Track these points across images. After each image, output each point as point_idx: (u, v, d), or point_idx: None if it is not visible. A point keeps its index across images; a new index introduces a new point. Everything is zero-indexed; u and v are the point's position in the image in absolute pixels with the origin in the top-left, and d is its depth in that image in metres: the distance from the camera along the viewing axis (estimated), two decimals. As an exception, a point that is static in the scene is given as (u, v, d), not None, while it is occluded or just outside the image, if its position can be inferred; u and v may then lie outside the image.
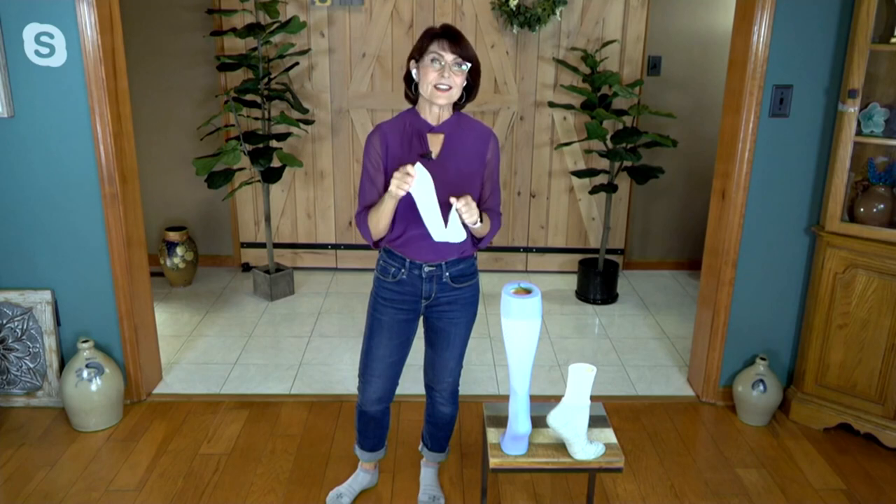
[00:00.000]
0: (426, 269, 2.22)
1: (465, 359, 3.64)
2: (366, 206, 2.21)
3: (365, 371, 2.39)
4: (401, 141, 2.16)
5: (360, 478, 2.67)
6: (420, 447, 2.68)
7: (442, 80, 2.07)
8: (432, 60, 2.07)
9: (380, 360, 2.34)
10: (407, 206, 2.11)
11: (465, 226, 2.09)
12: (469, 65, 2.10)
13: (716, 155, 3.20)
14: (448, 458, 2.84)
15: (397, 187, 1.98)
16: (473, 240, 2.23)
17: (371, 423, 2.49)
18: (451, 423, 2.55)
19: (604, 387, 3.41)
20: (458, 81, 2.10)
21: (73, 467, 2.80)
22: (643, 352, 3.81)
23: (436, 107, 2.14)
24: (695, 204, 4.80)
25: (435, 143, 2.17)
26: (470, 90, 2.18)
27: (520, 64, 4.50)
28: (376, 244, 2.24)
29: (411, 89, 2.19)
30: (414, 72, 2.14)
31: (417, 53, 2.12)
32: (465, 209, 2.01)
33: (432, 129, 2.17)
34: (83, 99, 2.88)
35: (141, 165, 4.31)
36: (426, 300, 2.27)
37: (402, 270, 2.24)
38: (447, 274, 2.24)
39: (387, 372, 2.36)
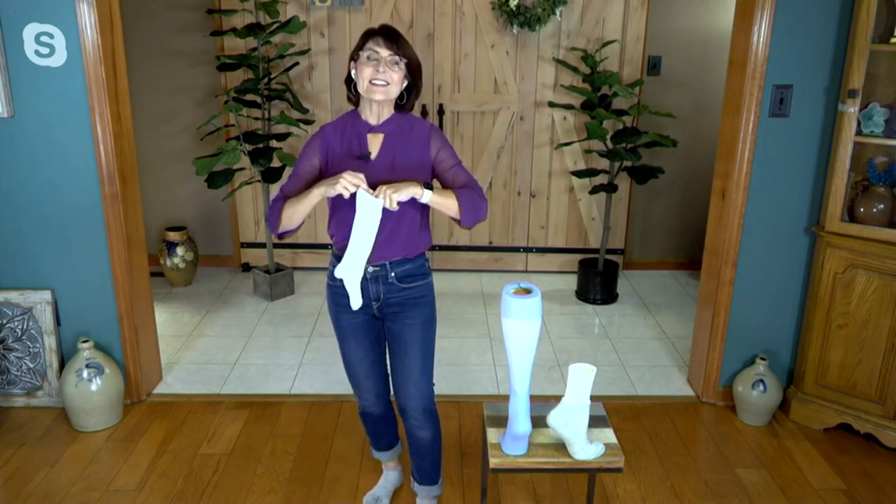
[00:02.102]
0: (370, 269, 2.17)
1: (465, 358, 3.68)
2: (284, 196, 2.17)
3: (351, 377, 2.38)
4: (341, 141, 2.15)
5: (391, 477, 2.66)
6: (411, 485, 2.55)
7: (377, 76, 2.05)
8: (368, 58, 2.06)
9: (358, 363, 2.33)
10: (351, 209, 2.07)
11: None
12: (406, 61, 2.09)
13: (716, 155, 3.20)
14: (447, 460, 2.83)
15: (343, 186, 1.96)
16: (455, 219, 2.17)
17: (379, 422, 2.48)
18: (435, 449, 2.42)
19: (604, 387, 3.41)
20: (395, 77, 2.08)
21: (73, 467, 2.80)
22: (643, 352, 3.81)
23: (375, 106, 2.12)
24: (695, 204, 4.80)
25: (374, 144, 2.15)
26: (410, 90, 2.16)
27: (520, 64, 4.50)
28: (281, 236, 2.19)
29: (352, 91, 2.17)
30: (353, 72, 2.13)
31: (356, 53, 2.11)
32: (390, 191, 1.98)
33: (372, 129, 2.15)
34: (83, 99, 2.88)
35: (141, 165, 4.31)
36: (376, 301, 2.23)
37: None
38: (392, 274, 2.19)
39: (370, 372, 2.34)
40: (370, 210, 2.03)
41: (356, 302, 2.17)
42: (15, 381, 3.16)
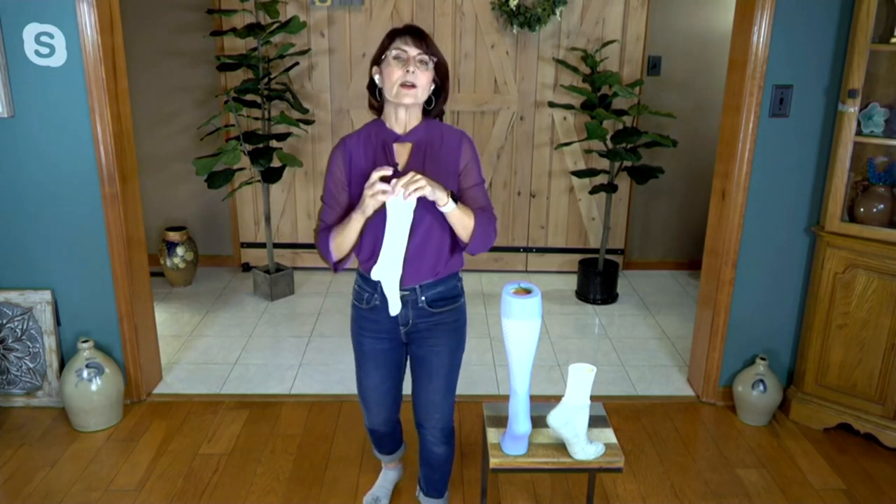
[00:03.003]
0: (399, 293, 2.04)
1: (465, 359, 3.66)
2: (328, 226, 2.05)
3: (362, 400, 2.29)
4: (365, 153, 2.01)
5: (390, 476, 2.63)
6: (416, 493, 2.52)
7: (407, 77, 1.91)
8: (395, 57, 1.92)
9: (372, 389, 2.22)
10: (376, 226, 1.97)
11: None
12: (435, 60, 1.96)
13: (716, 155, 3.20)
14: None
15: (372, 197, 1.84)
16: (462, 244, 2.02)
17: (384, 438, 2.43)
18: (447, 464, 2.36)
19: (604, 387, 3.41)
20: (423, 80, 1.94)
21: (73, 467, 2.80)
22: (643, 352, 3.81)
23: (402, 112, 1.98)
24: (695, 204, 4.80)
25: (402, 154, 2.01)
26: (438, 94, 2.04)
27: (520, 64, 4.50)
28: (336, 266, 2.05)
29: (375, 97, 2.04)
30: (377, 77, 1.99)
31: (380, 54, 1.97)
32: (413, 182, 1.82)
33: (399, 139, 2.01)
34: (83, 99, 2.88)
35: (141, 165, 4.31)
36: (404, 326, 2.11)
37: (376, 296, 2.08)
38: (423, 298, 2.07)
39: (384, 399, 2.25)
40: (400, 202, 1.88)
41: (395, 307, 2.03)
42: (15, 381, 3.16)
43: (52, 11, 2.78)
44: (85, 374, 2.97)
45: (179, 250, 4.48)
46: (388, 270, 2.00)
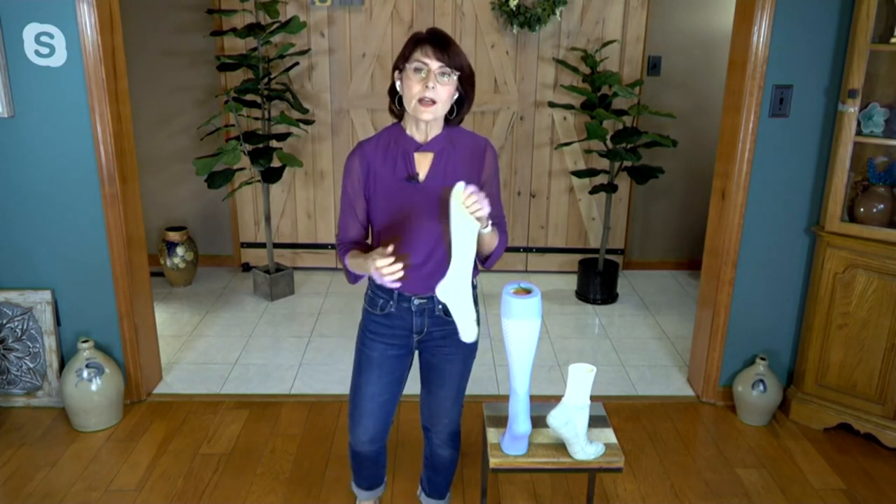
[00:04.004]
0: (416, 301, 2.02)
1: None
2: (347, 239, 2.03)
3: (354, 410, 2.17)
4: (384, 160, 1.95)
5: None
6: (418, 492, 2.50)
7: (426, 93, 1.83)
8: (415, 70, 1.84)
9: (369, 398, 2.12)
10: (393, 232, 1.94)
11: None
12: (458, 73, 1.87)
13: (716, 155, 3.20)
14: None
15: (380, 277, 1.80)
16: (481, 257, 2.02)
17: (365, 461, 2.30)
18: (452, 466, 2.36)
19: (604, 387, 3.41)
20: (444, 94, 1.86)
21: (73, 467, 2.80)
22: (643, 352, 3.81)
23: (422, 122, 1.91)
24: (695, 204, 4.80)
25: (422, 164, 1.95)
26: (462, 103, 1.95)
27: (520, 64, 4.50)
28: (355, 280, 2.05)
29: (395, 103, 1.96)
30: (398, 83, 1.91)
31: (401, 62, 1.89)
32: (474, 196, 1.75)
33: (419, 148, 1.95)
34: (83, 99, 2.88)
35: (141, 165, 4.31)
36: (418, 335, 2.08)
37: (391, 303, 2.03)
38: (440, 307, 2.03)
39: (377, 412, 2.14)
40: (465, 221, 1.80)
41: (468, 333, 1.93)
42: (15, 381, 3.16)
43: (52, 11, 2.78)
44: (85, 374, 2.97)
45: (179, 250, 4.48)
46: (455, 289, 1.88)
